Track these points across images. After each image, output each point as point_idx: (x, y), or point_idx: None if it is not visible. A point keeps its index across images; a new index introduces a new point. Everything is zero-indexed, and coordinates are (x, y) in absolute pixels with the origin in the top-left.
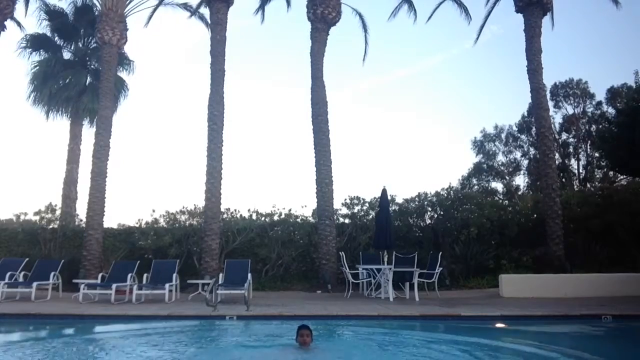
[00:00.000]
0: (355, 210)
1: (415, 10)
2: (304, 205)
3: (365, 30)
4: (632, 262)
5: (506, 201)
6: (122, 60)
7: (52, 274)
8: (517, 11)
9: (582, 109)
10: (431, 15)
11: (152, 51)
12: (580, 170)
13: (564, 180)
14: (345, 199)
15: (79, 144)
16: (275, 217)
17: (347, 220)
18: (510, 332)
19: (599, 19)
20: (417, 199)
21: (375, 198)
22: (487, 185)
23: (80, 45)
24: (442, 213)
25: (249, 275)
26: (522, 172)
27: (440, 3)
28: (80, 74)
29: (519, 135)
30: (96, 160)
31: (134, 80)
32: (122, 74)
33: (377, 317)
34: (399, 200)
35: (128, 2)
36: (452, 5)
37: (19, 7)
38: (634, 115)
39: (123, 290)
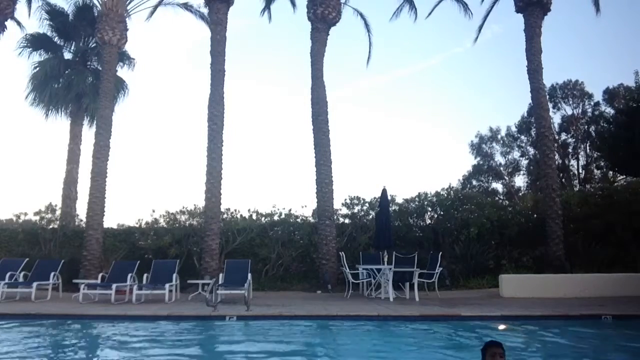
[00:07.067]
0: (355, 211)
1: (415, 9)
2: (304, 205)
3: (369, 31)
4: (632, 262)
5: (506, 201)
6: (123, 58)
7: (52, 274)
8: (517, 11)
9: (580, 110)
10: (431, 11)
11: (152, 51)
12: (580, 171)
13: (563, 180)
14: (345, 199)
15: (79, 144)
16: (275, 217)
17: (347, 221)
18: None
19: (592, 20)
20: (417, 199)
21: (375, 198)
22: (487, 185)
23: (81, 45)
24: (442, 213)
25: (249, 275)
26: (521, 172)
27: (440, 0)
28: (80, 73)
29: (518, 135)
30: (96, 160)
31: (134, 79)
32: (123, 71)
33: (377, 317)
34: (399, 200)
35: (128, 2)
36: (452, 4)
37: (21, 7)
38: (634, 115)
39: (123, 290)
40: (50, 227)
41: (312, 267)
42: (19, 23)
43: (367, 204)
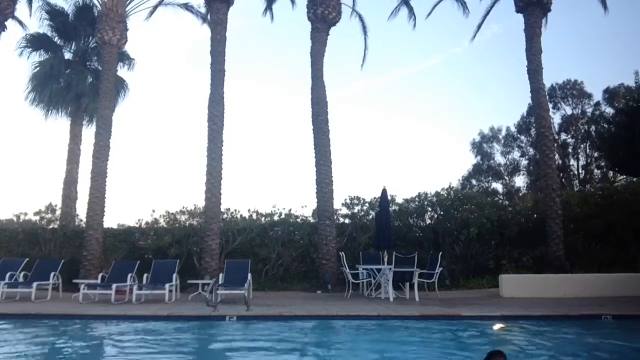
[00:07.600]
0: (355, 211)
1: (415, 16)
2: (304, 205)
3: (365, 33)
4: (632, 262)
5: (506, 201)
6: (123, 58)
7: (52, 274)
8: (517, 11)
9: (580, 110)
10: (430, 11)
11: (152, 51)
12: (580, 171)
13: (563, 180)
14: (345, 199)
15: (79, 144)
16: (275, 217)
17: (347, 221)
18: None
19: (592, 19)
20: (417, 199)
21: (375, 198)
22: (487, 185)
23: (81, 45)
24: (442, 213)
25: (249, 275)
26: (521, 172)
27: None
28: (80, 73)
29: (518, 135)
30: (96, 160)
31: (134, 79)
32: (123, 71)
33: (377, 317)
34: (399, 200)
35: (128, 2)
36: (452, 3)
37: (22, 7)
38: (634, 115)
39: (123, 290)
40: (50, 227)
41: (312, 267)
42: (20, 22)
43: (367, 204)
